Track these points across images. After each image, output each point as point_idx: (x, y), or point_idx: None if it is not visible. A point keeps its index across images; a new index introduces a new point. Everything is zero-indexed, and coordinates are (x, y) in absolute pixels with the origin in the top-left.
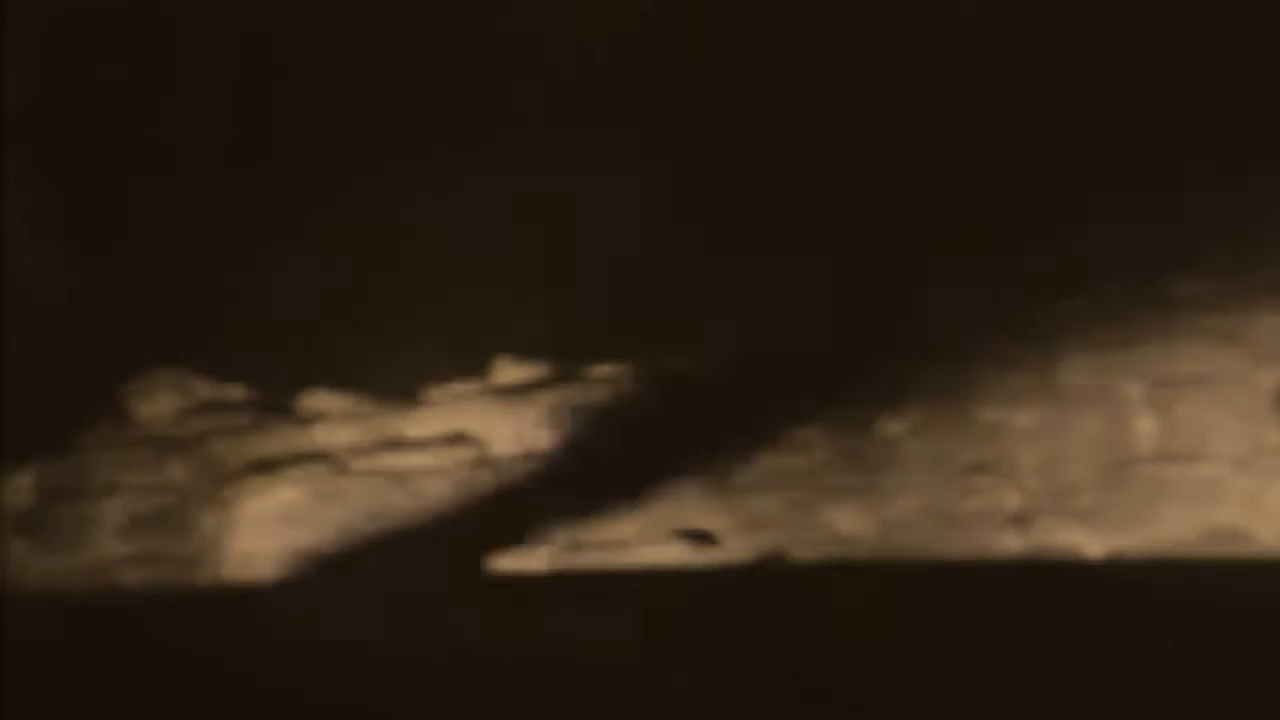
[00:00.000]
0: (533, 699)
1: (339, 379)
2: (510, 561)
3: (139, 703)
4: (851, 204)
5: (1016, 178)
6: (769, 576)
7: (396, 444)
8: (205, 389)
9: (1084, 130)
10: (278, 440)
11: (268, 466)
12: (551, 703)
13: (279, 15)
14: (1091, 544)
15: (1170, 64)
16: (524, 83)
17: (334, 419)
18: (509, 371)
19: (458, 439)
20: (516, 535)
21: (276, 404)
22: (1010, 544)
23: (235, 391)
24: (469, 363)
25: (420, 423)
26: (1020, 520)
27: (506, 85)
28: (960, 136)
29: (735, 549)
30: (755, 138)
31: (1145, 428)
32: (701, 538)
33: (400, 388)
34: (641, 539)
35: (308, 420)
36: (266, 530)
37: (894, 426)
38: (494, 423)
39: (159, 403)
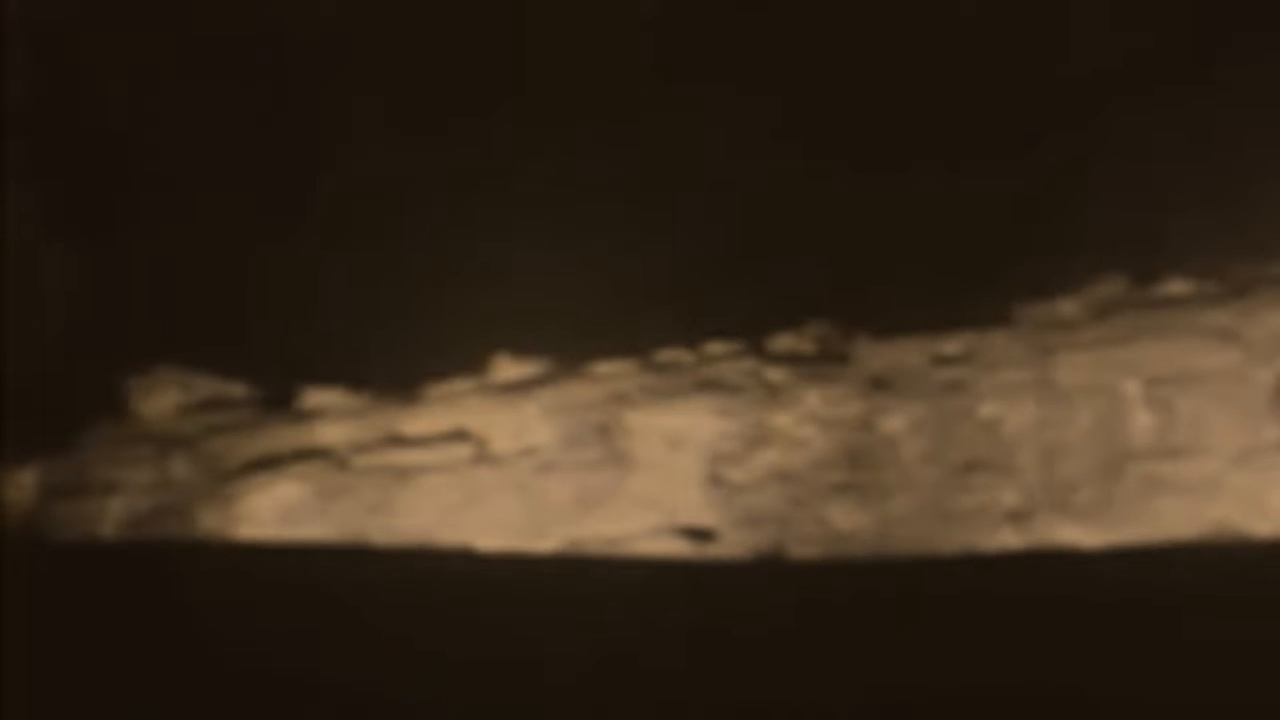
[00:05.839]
0: (528, 692)
1: (339, 376)
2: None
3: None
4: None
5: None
6: (767, 573)
7: (396, 440)
8: (206, 386)
9: (1083, 129)
10: (278, 437)
11: (269, 463)
12: (549, 699)
13: (284, 18)
14: (1089, 540)
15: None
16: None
17: (334, 416)
18: (508, 369)
19: (457, 436)
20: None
21: (277, 401)
22: (1008, 540)
23: (236, 389)
24: (468, 360)
25: (420, 419)
26: (1018, 517)
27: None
28: (957, 132)
29: (734, 545)
30: None
31: (1143, 424)
32: (700, 535)
33: (400, 385)
34: (641, 535)
35: (308, 417)
36: (267, 526)
37: (892, 423)
38: (493, 420)
39: (160, 400)
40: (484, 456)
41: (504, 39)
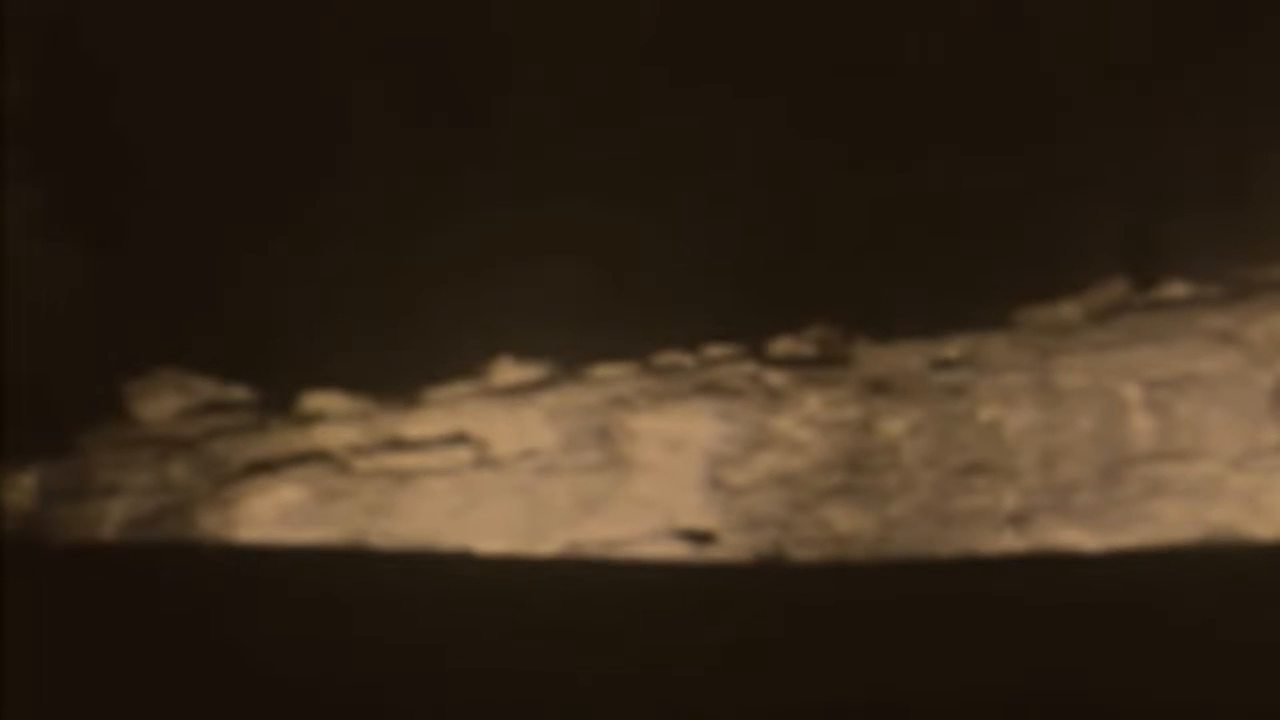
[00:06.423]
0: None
1: (340, 379)
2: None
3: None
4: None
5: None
6: (767, 576)
7: (397, 444)
8: (207, 389)
9: (1081, 128)
10: (279, 440)
11: (269, 466)
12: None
13: (286, 16)
14: (1090, 542)
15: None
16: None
17: (335, 419)
18: (508, 372)
19: (458, 439)
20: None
21: (278, 404)
22: (1008, 543)
23: (237, 392)
24: (468, 363)
25: (420, 423)
26: (1018, 520)
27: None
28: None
29: (734, 548)
30: None
31: (1142, 427)
32: (701, 538)
33: (400, 388)
34: (641, 538)
35: (309, 420)
36: (268, 529)
37: (893, 426)
38: (494, 423)
39: (160, 403)
40: (484, 460)
41: (504, 40)
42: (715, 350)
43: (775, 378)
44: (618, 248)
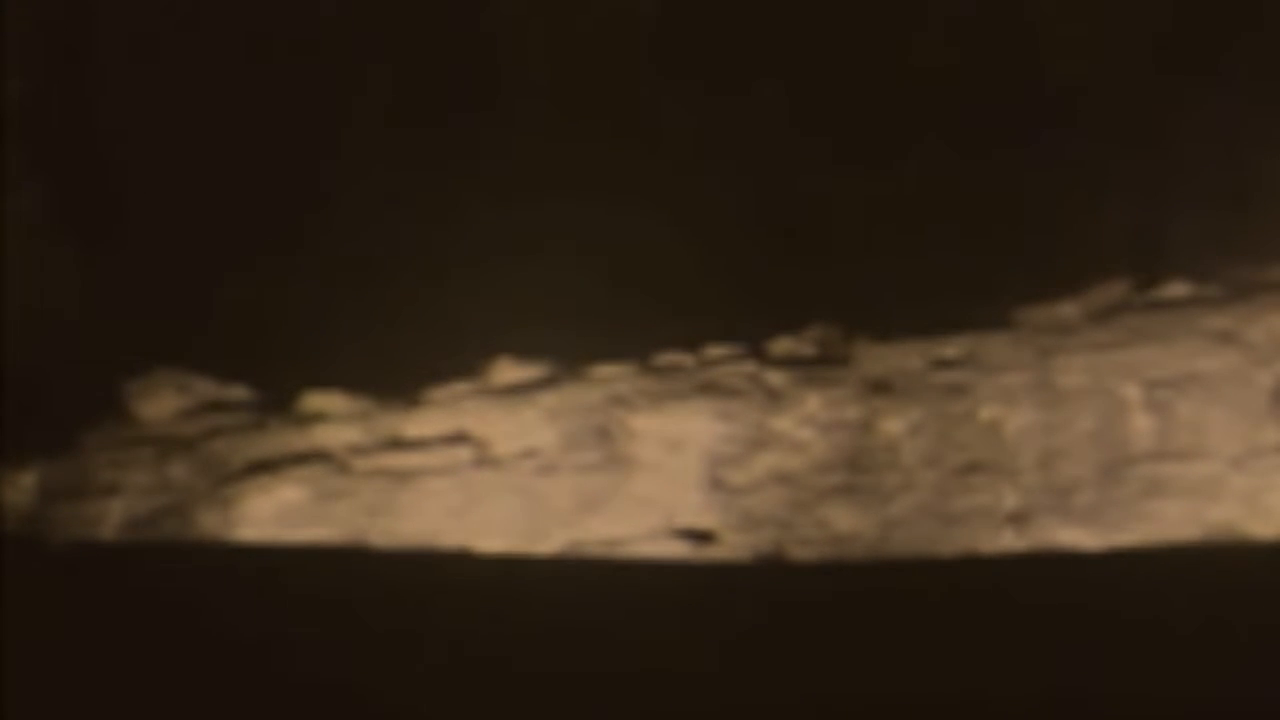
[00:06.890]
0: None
1: (340, 379)
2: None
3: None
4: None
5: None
6: (767, 575)
7: (397, 444)
8: (206, 389)
9: (1082, 129)
10: (278, 440)
11: (269, 466)
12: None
13: (285, 16)
14: (1089, 542)
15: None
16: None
17: (334, 419)
18: (508, 371)
19: (458, 438)
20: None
21: (277, 404)
22: (1008, 542)
23: (236, 391)
24: (468, 363)
25: (420, 422)
26: (1018, 519)
27: (493, 82)
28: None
29: (734, 548)
30: None
31: (1142, 426)
32: (701, 537)
33: (400, 388)
34: (641, 538)
35: (308, 420)
36: (267, 529)
37: (893, 426)
38: (494, 422)
39: (160, 402)
40: (484, 459)
41: (504, 39)
42: (715, 350)
43: (775, 378)
44: (617, 247)
